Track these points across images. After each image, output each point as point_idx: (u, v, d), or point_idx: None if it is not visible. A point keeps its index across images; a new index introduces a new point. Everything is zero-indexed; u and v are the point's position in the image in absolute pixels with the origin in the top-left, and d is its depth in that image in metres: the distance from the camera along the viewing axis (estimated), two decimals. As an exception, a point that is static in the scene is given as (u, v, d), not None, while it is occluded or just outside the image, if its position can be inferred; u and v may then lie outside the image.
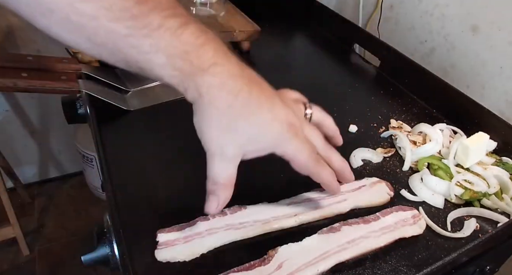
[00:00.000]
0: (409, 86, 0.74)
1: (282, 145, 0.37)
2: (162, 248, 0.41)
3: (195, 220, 0.43)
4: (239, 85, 0.35)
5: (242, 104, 0.35)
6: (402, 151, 0.59)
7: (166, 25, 0.32)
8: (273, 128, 0.37)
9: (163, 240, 0.41)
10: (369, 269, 0.41)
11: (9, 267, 1.30)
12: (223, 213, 0.44)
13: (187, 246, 0.41)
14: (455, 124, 0.64)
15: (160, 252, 0.40)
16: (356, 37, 0.87)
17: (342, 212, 0.47)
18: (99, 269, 1.13)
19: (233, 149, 0.36)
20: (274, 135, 0.37)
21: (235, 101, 0.34)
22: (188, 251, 0.41)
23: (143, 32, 0.31)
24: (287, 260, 0.40)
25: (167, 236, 0.42)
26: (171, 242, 0.41)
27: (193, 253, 0.41)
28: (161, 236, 0.42)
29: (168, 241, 0.41)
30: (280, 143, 0.37)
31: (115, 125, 0.58)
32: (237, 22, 0.78)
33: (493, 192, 0.51)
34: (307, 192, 0.49)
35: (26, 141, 1.44)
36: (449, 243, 0.45)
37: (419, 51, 1.05)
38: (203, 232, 0.42)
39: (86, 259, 0.43)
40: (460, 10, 0.91)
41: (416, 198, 0.51)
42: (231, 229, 0.43)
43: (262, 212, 0.45)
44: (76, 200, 1.53)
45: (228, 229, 0.43)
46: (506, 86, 0.84)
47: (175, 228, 0.43)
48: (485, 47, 0.87)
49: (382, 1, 1.13)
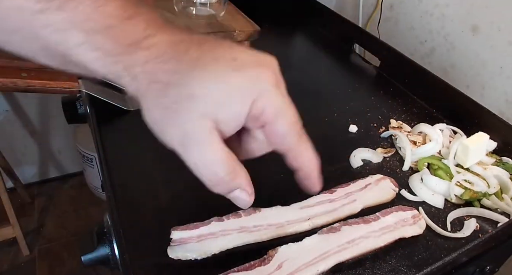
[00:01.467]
0: (409, 86, 0.74)
1: (261, 98, 0.26)
2: (175, 245, 0.41)
3: (210, 220, 0.44)
4: (184, 48, 0.27)
5: (192, 62, 0.26)
6: (402, 151, 0.59)
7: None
8: (245, 76, 0.26)
9: (177, 238, 0.41)
10: (369, 269, 0.41)
11: (9, 267, 1.30)
12: (238, 214, 0.44)
13: (199, 245, 0.41)
14: (455, 124, 0.64)
15: (173, 248, 0.40)
16: (356, 37, 0.87)
17: (353, 213, 0.47)
18: (99, 269, 1.13)
19: (199, 123, 0.26)
20: (249, 85, 0.26)
21: (180, 64, 0.26)
22: (200, 250, 0.41)
23: (55, 4, 0.25)
24: (287, 260, 0.40)
25: (181, 233, 0.42)
26: (185, 240, 0.41)
27: (205, 252, 0.41)
28: (175, 234, 0.42)
29: (181, 238, 0.41)
30: (259, 93, 0.26)
31: (115, 125, 0.58)
32: (237, 22, 0.78)
33: (493, 192, 0.51)
34: (318, 195, 0.49)
35: (26, 141, 1.44)
36: (449, 243, 0.45)
37: (419, 51, 1.05)
38: (217, 232, 0.42)
39: (86, 259, 0.43)
40: (460, 10, 0.91)
41: (416, 198, 0.51)
42: (245, 232, 0.43)
43: (276, 215, 0.45)
44: (76, 200, 1.53)
45: (242, 232, 0.43)
46: (506, 86, 0.84)
47: (190, 226, 0.43)
48: (485, 47, 0.87)
49: (382, 1, 1.13)
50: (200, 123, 0.26)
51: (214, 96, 0.26)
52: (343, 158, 0.57)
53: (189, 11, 0.77)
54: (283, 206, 0.47)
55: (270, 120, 0.28)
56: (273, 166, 0.55)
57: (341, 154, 0.58)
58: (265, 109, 0.27)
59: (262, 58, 0.28)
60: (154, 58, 0.26)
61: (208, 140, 0.26)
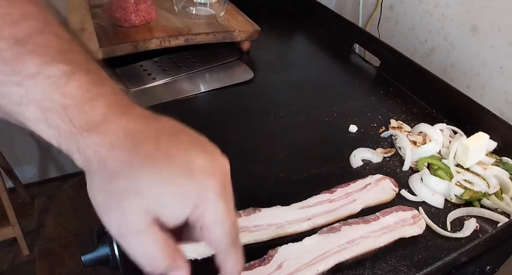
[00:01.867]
0: (409, 86, 0.74)
1: (203, 204, 0.27)
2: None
3: None
4: (141, 140, 0.27)
5: (146, 159, 0.26)
6: (402, 151, 0.59)
7: (45, 73, 0.26)
8: (192, 183, 0.27)
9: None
10: (369, 269, 0.41)
11: (9, 267, 1.30)
12: (238, 214, 0.44)
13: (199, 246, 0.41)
14: (455, 124, 0.64)
15: None
16: (356, 37, 0.87)
17: (353, 213, 0.47)
18: (99, 269, 1.13)
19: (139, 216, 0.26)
20: (194, 192, 0.27)
21: (135, 157, 0.26)
22: (200, 250, 0.41)
23: (14, 79, 0.25)
24: (287, 260, 0.40)
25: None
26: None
27: (205, 252, 0.41)
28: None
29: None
30: (201, 200, 0.27)
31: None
32: (237, 22, 0.78)
33: (493, 192, 0.51)
34: (317, 195, 0.49)
35: (26, 141, 1.44)
36: (449, 243, 0.45)
37: (419, 51, 1.05)
38: None
39: (86, 259, 0.43)
40: (460, 10, 0.91)
41: (416, 198, 0.51)
42: (245, 232, 0.43)
43: (276, 215, 0.45)
44: (76, 200, 1.53)
45: (242, 232, 0.43)
46: (506, 86, 0.84)
47: None
48: (485, 47, 0.87)
49: (382, 1, 1.13)
50: (141, 217, 0.27)
51: (159, 197, 0.26)
52: (343, 158, 0.57)
53: (189, 11, 0.77)
54: (283, 206, 0.47)
55: (207, 225, 0.28)
56: (273, 166, 0.55)
57: (341, 154, 0.58)
58: (204, 215, 0.28)
59: (214, 164, 0.28)
60: (108, 146, 0.26)
61: (148, 230, 0.27)
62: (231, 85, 0.71)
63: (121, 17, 0.68)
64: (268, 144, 0.59)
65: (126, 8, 0.67)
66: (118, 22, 0.69)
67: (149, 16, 0.70)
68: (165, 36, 0.69)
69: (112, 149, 0.26)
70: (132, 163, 0.26)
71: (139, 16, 0.68)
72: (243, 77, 0.73)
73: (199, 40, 0.72)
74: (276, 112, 0.65)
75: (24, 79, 0.25)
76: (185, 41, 0.71)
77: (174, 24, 0.73)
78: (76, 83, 0.26)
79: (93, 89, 0.27)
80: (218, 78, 0.72)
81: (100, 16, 0.72)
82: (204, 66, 0.73)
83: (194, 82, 0.70)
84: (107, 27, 0.69)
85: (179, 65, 0.73)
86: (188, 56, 0.75)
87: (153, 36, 0.68)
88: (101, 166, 0.27)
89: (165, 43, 0.69)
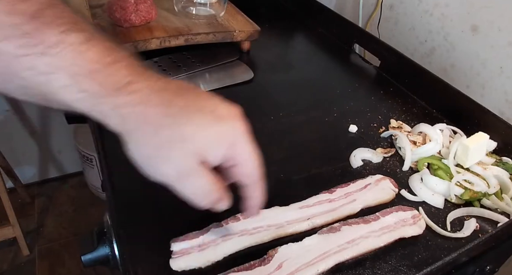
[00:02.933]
0: (409, 86, 0.74)
1: (238, 144, 0.33)
2: (177, 257, 0.40)
3: (208, 227, 0.43)
4: (167, 96, 0.31)
5: (182, 111, 0.30)
6: (402, 151, 0.59)
7: (67, 41, 0.27)
8: (224, 126, 0.32)
9: (178, 249, 0.41)
10: (369, 269, 0.41)
11: (9, 267, 1.30)
12: (236, 218, 0.44)
13: (202, 254, 0.41)
14: (455, 124, 0.64)
15: (175, 261, 0.40)
16: (356, 37, 0.87)
17: (353, 213, 0.47)
18: (99, 269, 1.13)
19: (190, 159, 0.31)
20: (227, 133, 0.32)
21: (169, 109, 0.30)
22: (203, 258, 0.40)
23: (38, 49, 0.27)
24: (287, 260, 0.40)
25: (182, 244, 0.41)
26: (186, 250, 0.41)
27: (208, 260, 0.40)
28: (175, 245, 0.41)
29: (183, 250, 0.41)
30: (236, 141, 0.33)
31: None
32: (237, 22, 0.78)
33: (493, 192, 0.51)
34: (317, 195, 0.49)
35: (26, 141, 1.44)
36: (449, 243, 0.45)
37: (419, 51, 1.05)
38: (218, 239, 0.42)
39: (86, 259, 0.43)
40: (460, 10, 0.91)
41: (416, 198, 0.51)
42: (246, 235, 0.43)
43: (275, 216, 0.45)
44: (76, 200, 1.53)
45: (242, 235, 0.43)
46: (506, 86, 0.84)
47: (189, 236, 0.42)
48: (485, 47, 0.87)
49: (382, 1, 1.13)
50: (192, 159, 0.31)
51: (202, 140, 0.31)
52: (343, 158, 0.57)
53: (189, 11, 0.77)
54: (283, 206, 0.47)
55: (240, 161, 0.34)
56: (273, 166, 0.55)
57: (341, 154, 0.58)
58: (237, 152, 0.33)
59: (234, 110, 0.33)
60: (142, 103, 0.29)
61: (199, 170, 0.32)
62: (231, 85, 0.71)
63: (121, 17, 0.68)
64: (268, 144, 0.59)
65: (126, 8, 0.67)
66: (118, 22, 0.69)
67: (149, 16, 0.70)
68: (165, 36, 0.69)
69: (147, 106, 0.29)
70: (170, 115, 0.30)
71: (139, 16, 0.68)
72: (243, 77, 0.73)
73: (199, 40, 0.72)
74: (276, 112, 0.65)
75: (48, 49, 0.27)
76: (185, 41, 0.71)
77: (174, 24, 0.73)
78: (96, 48, 0.29)
79: (112, 55, 0.29)
80: (218, 78, 0.72)
81: (100, 16, 0.72)
82: (204, 66, 0.73)
83: (194, 82, 0.70)
84: (107, 27, 0.69)
85: (179, 65, 0.73)
86: (188, 56, 0.75)
87: (153, 36, 0.68)
88: (140, 121, 0.30)
89: (165, 43, 0.69)
